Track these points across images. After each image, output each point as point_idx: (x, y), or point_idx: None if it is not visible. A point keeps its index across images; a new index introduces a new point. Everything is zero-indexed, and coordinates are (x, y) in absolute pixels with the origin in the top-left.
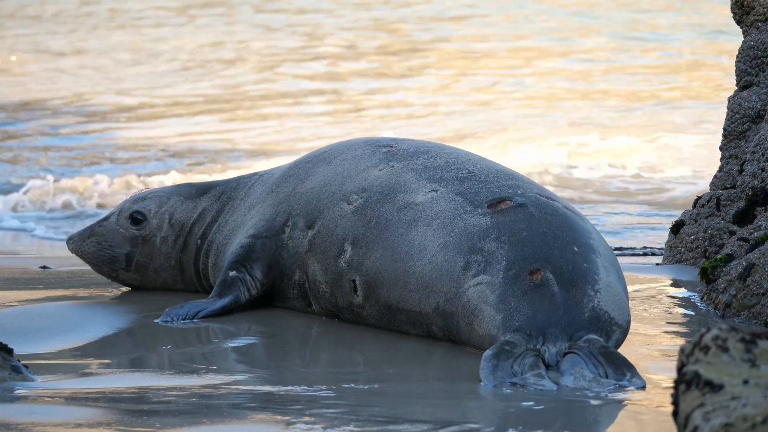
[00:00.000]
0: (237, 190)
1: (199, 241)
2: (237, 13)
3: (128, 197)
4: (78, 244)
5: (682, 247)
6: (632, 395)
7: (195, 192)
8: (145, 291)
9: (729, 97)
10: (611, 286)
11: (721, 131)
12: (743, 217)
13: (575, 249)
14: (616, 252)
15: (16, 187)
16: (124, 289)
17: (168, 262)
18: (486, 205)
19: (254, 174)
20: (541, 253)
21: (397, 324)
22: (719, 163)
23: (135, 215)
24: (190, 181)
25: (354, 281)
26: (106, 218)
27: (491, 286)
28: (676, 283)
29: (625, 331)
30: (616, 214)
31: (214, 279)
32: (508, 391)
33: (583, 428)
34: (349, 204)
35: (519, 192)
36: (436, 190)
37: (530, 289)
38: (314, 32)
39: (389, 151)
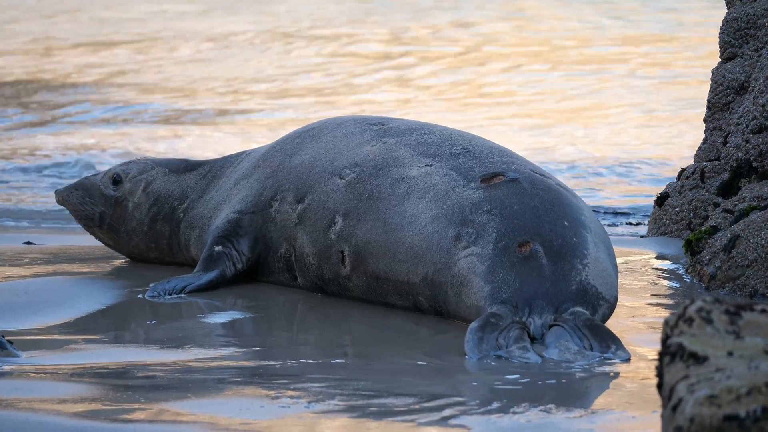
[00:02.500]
0: (224, 168)
1: (182, 214)
2: None
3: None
4: (64, 195)
5: (666, 220)
6: (617, 368)
7: (183, 167)
8: (130, 266)
9: (713, 69)
10: (600, 261)
11: (705, 103)
12: (727, 189)
13: (565, 223)
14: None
15: None
16: (110, 263)
17: (140, 228)
18: (479, 180)
19: (242, 152)
20: (531, 225)
21: (383, 295)
22: (704, 135)
23: (115, 176)
24: (187, 158)
25: (342, 252)
26: (96, 174)
27: (481, 257)
28: (660, 256)
29: (612, 306)
30: None
31: (197, 252)
32: (493, 364)
33: (568, 401)
34: (341, 179)
35: (513, 168)
36: (430, 165)
37: (519, 261)
38: None
39: (381, 129)
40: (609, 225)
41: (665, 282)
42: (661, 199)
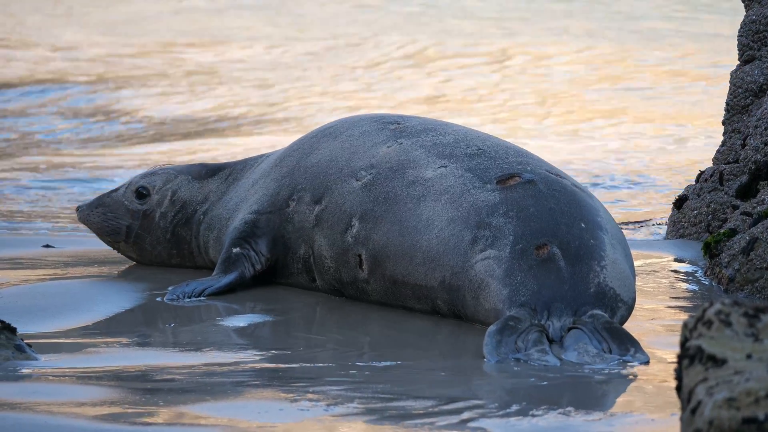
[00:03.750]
0: (243, 170)
1: (201, 216)
2: None
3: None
4: (86, 213)
5: (685, 222)
6: (636, 370)
7: (205, 173)
8: (149, 269)
9: (731, 72)
10: (617, 263)
11: (724, 106)
12: (746, 192)
13: (582, 225)
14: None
15: None
16: (128, 266)
17: (164, 236)
18: (495, 181)
19: (262, 155)
20: (549, 228)
21: (401, 299)
22: (722, 138)
23: (140, 189)
24: (205, 162)
25: (360, 256)
26: (116, 190)
27: (498, 260)
28: (679, 258)
29: (630, 308)
30: None
31: (216, 253)
32: (512, 367)
33: (587, 404)
34: (357, 180)
35: (528, 168)
36: (446, 166)
37: (536, 264)
38: None
39: (397, 128)
40: None
41: (684, 284)
42: (680, 202)
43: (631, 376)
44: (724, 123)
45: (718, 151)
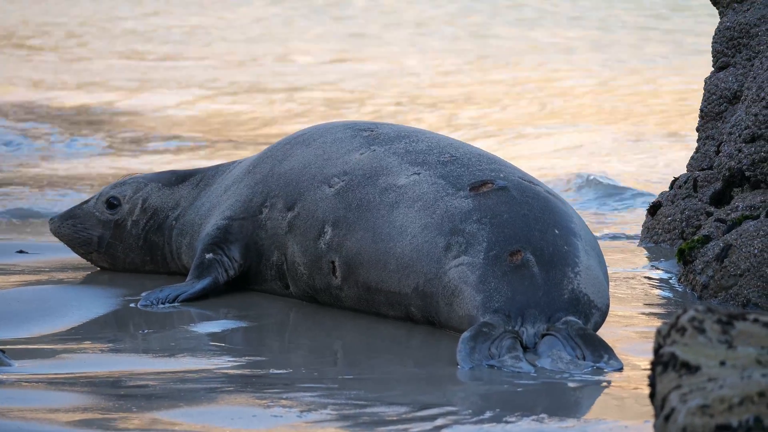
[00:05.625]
0: (215, 176)
1: (173, 222)
2: None
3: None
4: (57, 225)
5: (659, 229)
6: (610, 377)
7: (175, 179)
8: (123, 275)
9: (705, 78)
10: (591, 269)
11: (698, 112)
12: (720, 198)
13: (556, 231)
14: None
15: None
16: (102, 273)
17: (136, 243)
18: (468, 188)
19: (234, 161)
20: (522, 234)
21: (375, 305)
22: (696, 144)
23: (111, 200)
24: (175, 169)
25: (333, 262)
26: (87, 201)
27: (472, 266)
28: (653, 265)
29: (603, 314)
30: None
31: (189, 259)
32: (486, 373)
33: (560, 411)
34: (330, 187)
35: (501, 175)
36: (419, 173)
37: (510, 270)
38: None
39: (370, 135)
40: None
41: (658, 291)
42: (654, 208)
43: (604, 383)
44: (698, 129)
45: (692, 157)
